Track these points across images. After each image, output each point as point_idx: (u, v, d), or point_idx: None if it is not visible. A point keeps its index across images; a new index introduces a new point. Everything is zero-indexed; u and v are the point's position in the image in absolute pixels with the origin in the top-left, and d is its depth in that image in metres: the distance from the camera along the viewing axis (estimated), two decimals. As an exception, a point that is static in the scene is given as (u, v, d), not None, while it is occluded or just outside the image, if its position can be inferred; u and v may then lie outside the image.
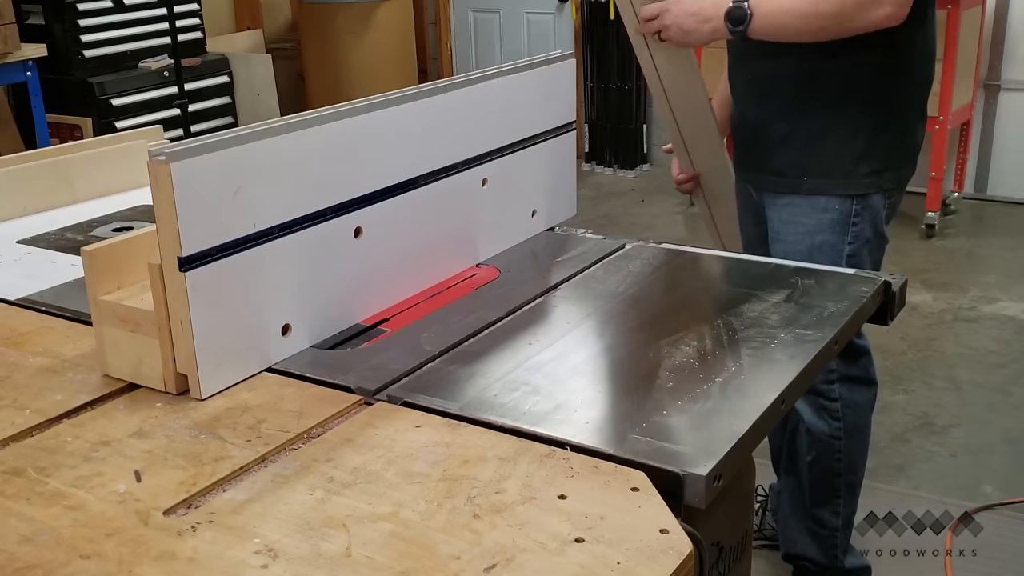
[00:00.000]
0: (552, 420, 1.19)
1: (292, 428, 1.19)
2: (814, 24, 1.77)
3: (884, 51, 1.85)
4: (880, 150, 1.90)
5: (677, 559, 0.93)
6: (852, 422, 2.07)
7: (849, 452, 2.08)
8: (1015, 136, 5.08)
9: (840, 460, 2.08)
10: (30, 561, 0.95)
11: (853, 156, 1.89)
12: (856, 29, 1.76)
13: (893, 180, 1.94)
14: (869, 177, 1.90)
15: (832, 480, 2.10)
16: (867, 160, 1.89)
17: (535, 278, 1.66)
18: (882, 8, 1.73)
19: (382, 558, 0.95)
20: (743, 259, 1.75)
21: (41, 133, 4.53)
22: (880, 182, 1.91)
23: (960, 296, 4.01)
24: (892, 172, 1.93)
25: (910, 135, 1.96)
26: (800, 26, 1.78)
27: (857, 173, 1.89)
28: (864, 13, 1.74)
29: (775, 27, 1.80)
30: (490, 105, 1.72)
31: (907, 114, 1.94)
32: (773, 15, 1.80)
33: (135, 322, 1.29)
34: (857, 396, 2.06)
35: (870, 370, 2.09)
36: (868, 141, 1.89)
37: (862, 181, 1.90)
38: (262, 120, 1.36)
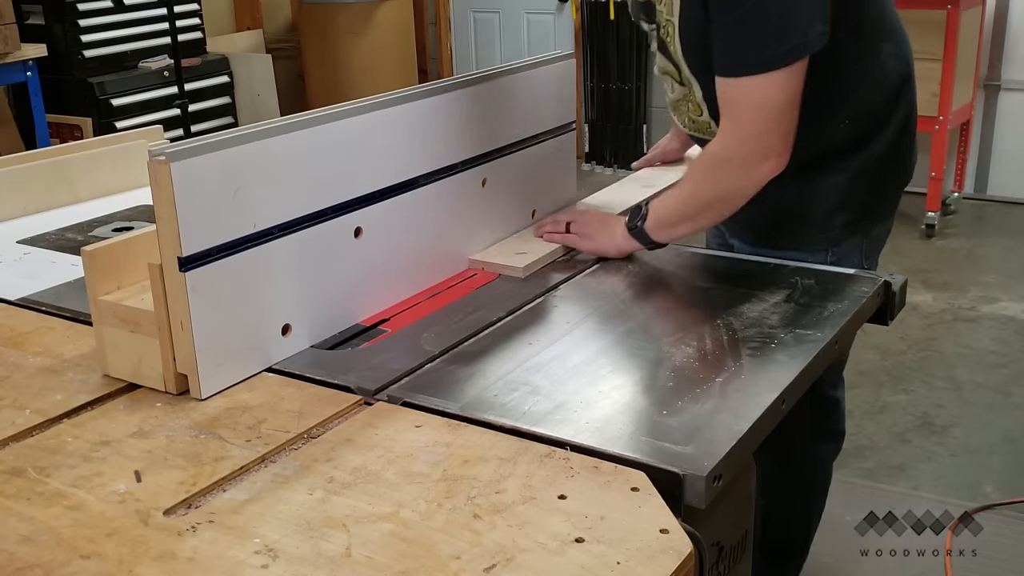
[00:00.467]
0: (552, 420, 1.19)
1: (292, 428, 1.19)
2: (705, 211, 1.66)
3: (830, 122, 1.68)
4: (859, 199, 1.74)
5: (677, 559, 0.93)
6: (811, 478, 1.99)
7: (807, 506, 2.01)
8: (1015, 136, 5.08)
9: (797, 513, 2.02)
10: (30, 561, 0.95)
11: (827, 212, 1.73)
12: (746, 196, 1.61)
13: (873, 216, 1.79)
14: (845, 228, 1.74)
15: (787, 534, 2.03)
16: (843, 212, 1.73)
17: (535, 278, 1.66)
18: (764, 166, 1.56)
19: (382, 558, 0.95)
20: (743, 259, 1.75)
21: (41, 133, 4.52)
22: (859, 228, 1.76)
23: (960, 296, 4.01)
24: (874, 210, 1.77)
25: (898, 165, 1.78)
26: (693, 215, 1.66)
27: (832, 226, 1.74)
28: (744, 182, 1.59)
29: (670, 221, 1.67)
30: (490, 105, 1.72)
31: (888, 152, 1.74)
32: (666, 210, 1.67)
33: (135, 322, 1.29)
34: (822, 450, 1.98)
35: (840, 422, 1.99)
36: (842, 194, 1.72)
37: (837, 232, 1.74)
38: (262, 120, 1.36)
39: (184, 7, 5.20)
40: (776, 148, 1.56)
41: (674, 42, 1.64)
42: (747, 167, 1.57)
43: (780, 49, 1.49)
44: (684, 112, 1.78)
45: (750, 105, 1.54)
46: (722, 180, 1.62)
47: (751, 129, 1.55)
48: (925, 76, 4.49)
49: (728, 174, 1.60)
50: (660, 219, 1.67)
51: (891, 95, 1.72)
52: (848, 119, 1.68)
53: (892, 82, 1.71)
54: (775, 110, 1.53)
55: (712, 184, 1.63)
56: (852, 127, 1.69)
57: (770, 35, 1.49)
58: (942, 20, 4.39)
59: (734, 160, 1.59)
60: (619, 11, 5.75)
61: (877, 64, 1.69)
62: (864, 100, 1.69)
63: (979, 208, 5.10)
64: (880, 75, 1.70)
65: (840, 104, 1.66)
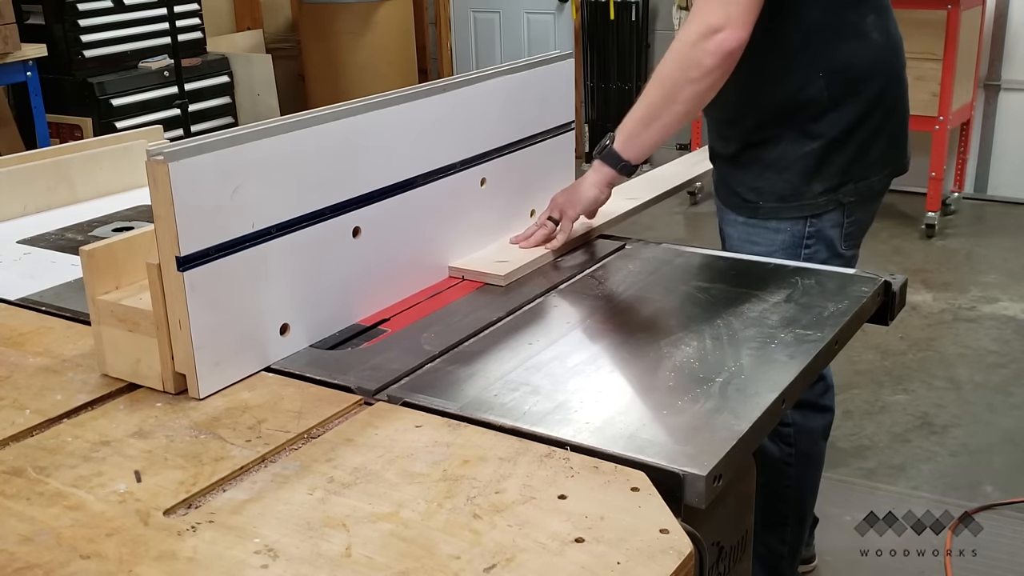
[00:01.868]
0: (552, 420, 1.18)
1: (292, 428, 1.19)
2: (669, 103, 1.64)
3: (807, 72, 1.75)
4: (835, 167, 1.79)
5: (677, 559, 0.93)
6: (804, 449, 2.01)
7: (799, 479, 2.03)
8: (1015, 136, 5.08)
9: (789, 487, 2.03)
10: (30, 561, 0.95)
11: (805, 177, 1.79)
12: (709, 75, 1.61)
13: (854, 192, 1.82)
14: (825, 195, 1.80)
15: (779, 506, 2.04)
16: (820, 178, 1.79)
17: (535, 278, 1.66)
18: (719, 35, 1.58)
19: (382, 558, 0.95)
20: (743, 259, 1.75)
21: (41, 133, 4.52)
22: (838, 197, 1.80)
23: (960, 296, 4.01)
24: (852, 185, 1.81)
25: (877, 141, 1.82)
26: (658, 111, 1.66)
27: (811, 192, 1.79)
28: (701, 55, 1.59)
29: (638, 127, 1.68)
30: (489, 105, 1.72)
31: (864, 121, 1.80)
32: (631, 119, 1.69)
33: (133, 322, 1.29)
34: (810, 422, 2.00)
35: (825, 397, 2.02)
36: (818, 159, 1.78)
37: (817, 200, 1.80)
38: (262, 120, 1.36)
39: (184, 7, 5.21)
40: (734, 18, 1.58)
41: None
42: (704, 36, 1.59)
43: None
44: None
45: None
46: (682, 57, 1.62)
47: (707, 7, 1.59)
48: (925, 76, 4.49)
49: (687, 48, 1.61)
50: (627, 132, 1.68)
51: (871, 64, 1.79)
52: (824, 72, 1.75)
53: (873, 52, 1.79)
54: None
55: (672, 65, 1.63)
56: (827, 83, 1.75)
57: None
58: (942, 20, 4.39)
59: (692, 32, 1.60)
60: (619, 11, 5.76)
61: (861, 29, 1.77)
62: (841, 57, 1.75)
63: (979, 208, 5.10)
64: (862, 40, 1.77)
65: (817, 55, 1.74)
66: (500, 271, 1.64)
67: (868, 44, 1.78)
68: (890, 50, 1.83)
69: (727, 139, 1.90)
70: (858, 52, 1.77)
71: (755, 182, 1.84)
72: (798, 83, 1.75)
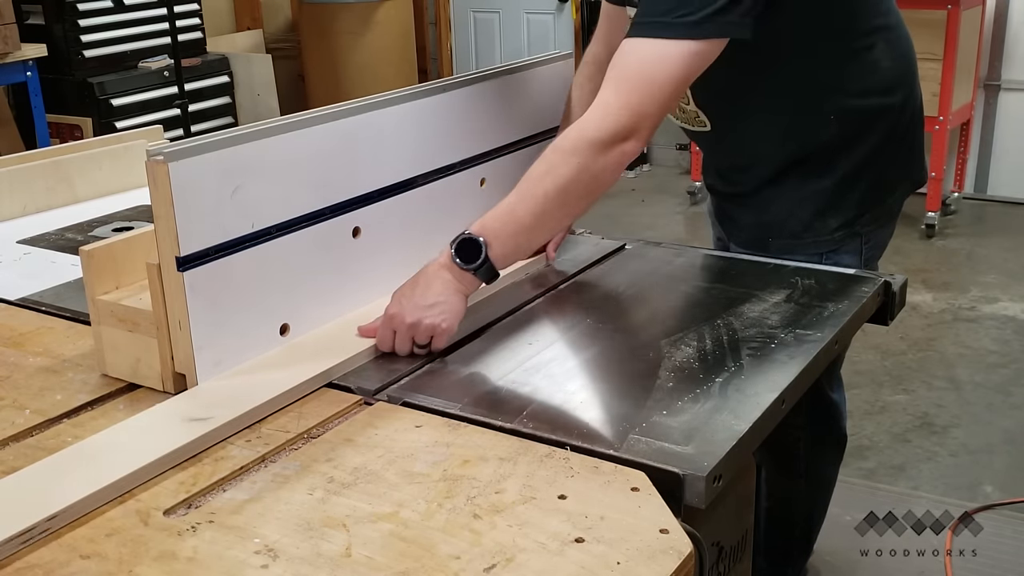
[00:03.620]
0: (552, 420, 1.18)
1: (292, 428, 1.19)
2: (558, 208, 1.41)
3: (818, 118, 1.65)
4: (851, 200, 1.69)
5: (677, 559, 0.93)
6: (814, 479, 1.97)
7: (810, 506, 2.01)
8: (1015, 136, 5.08)
9: (799, 513, 2.00)
10: (30, 561, 0.95)
11: (819, 214, 1.69)
12: (600, 185, 1.42)
13: (871, 220, 1.72)
14: (841, 230, 1.69)
15: (789, 533, 2.02)
16: (835, 213, 1.69)
17: (535, 278, 1.66)
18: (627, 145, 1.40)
19: (382, 558, 0.95)
20: (743, 259, 1.75)
21: (41, 133, 4.52)
22: (856, 229, 1.71)
23: (960, 296, 4.00)
24: (869, 214, 1.71)
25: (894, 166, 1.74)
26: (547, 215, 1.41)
27: (826, 229, 1.69)
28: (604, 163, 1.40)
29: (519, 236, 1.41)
30: (489, 105, 1.71)
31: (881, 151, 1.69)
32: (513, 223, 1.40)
33: (133, 322, 1.29)
34: (825, 453, 1.96)
35: (842, 424, 1.97)
36: (833, 195, 1.68)
37: (832, 236, 1.70)
38: (262, 120, 1.36)
39: (184, 7, 5.20)
40: (644, 129, 1.41)
41: None
42: (608, 147, 1.40)
43: (685, 18, 1.38)
44: None
45: (626, 74, 1.41)
46: (581, 164, 1.40)
47: (621, 102, 1.40)
48: (925, 76, 4.45)
49: (588, 157, 1.40)
50: (511, 243, 1.41)
51: (884, 93, 1.68)
52: (835, 115, 1.65)
53: (885, 81, 1.68)
54: (660, 85, 1.40)
55: (567, 172, 1.40)
56: (840, 125, 1.66)
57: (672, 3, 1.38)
58: (942, 20, 4.39)
59: (595, 142, 1.40)
60: (619, 11, 5.74)
61: (869, 61, 1.65)
62: (852, 98, 1.65)
63: (979, 208, 5.10)
64: (872, 73, 1.66)
65: (826, 100, 1.64)
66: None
67: (879, 75, 1.66)
68: (901, 72, 1.70)
69: (734, 183, 1.81)
70: (869, 88, 1.65)
71: (762, 217, 1.74)
72: (810, 130, 1.66)
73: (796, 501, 1.99)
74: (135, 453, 1.10)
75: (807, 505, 2.02)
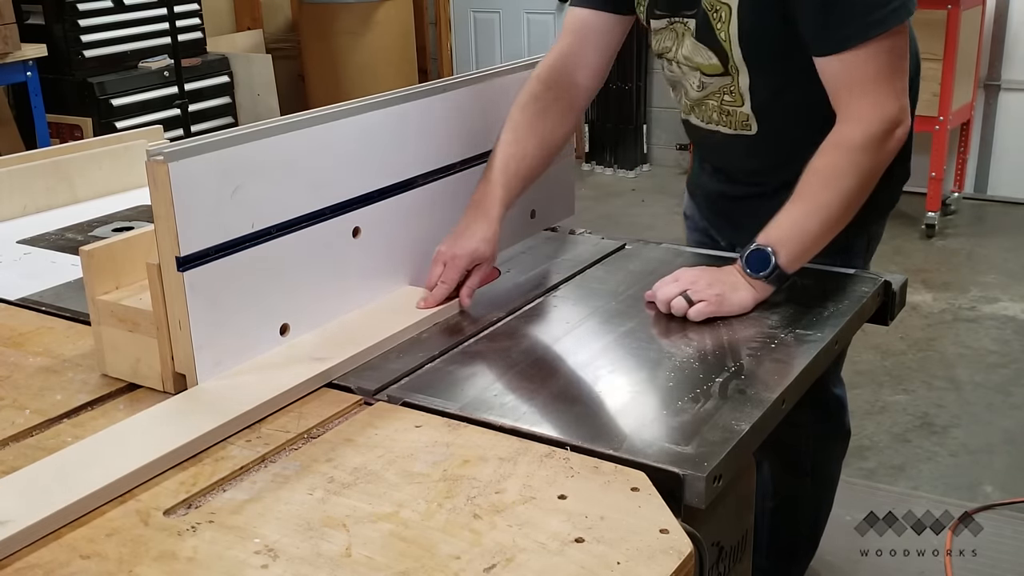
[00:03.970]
0: (552, 420, 1.18)
1: (292, 428, 1.19)
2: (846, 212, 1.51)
3: None
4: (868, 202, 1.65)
5: (677, 559, 0.93)
6: (820, 476, 1.98)
7: (815, 503, 2.01)
8: (1015, 136, 5.08)
9: (804, 510, 2.00)
10: (30, 561, 0.95)
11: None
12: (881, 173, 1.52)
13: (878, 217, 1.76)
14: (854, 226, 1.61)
15: (795, 531, 2.03)
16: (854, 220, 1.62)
17: (535, 278, 1.66)
18: (897, 132, 1.49)
19: (382, 558, 0.95)
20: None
21: (41, 133, 4.52)
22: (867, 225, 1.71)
23: (960, 296, 4.00)
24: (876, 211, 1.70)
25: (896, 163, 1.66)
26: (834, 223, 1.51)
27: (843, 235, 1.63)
28: (882, 158, 1.50)
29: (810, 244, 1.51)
30: (488, 105, 1.71)
31: None
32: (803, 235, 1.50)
33: (133, 322, 1.29)
34: (829, 449, 1.97)
35: (846, 420, 1.98)
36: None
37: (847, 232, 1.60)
38: (262, 120, 1.36)
39: (184, 7, 5.20)
40: (905, 109, 1.50)
41: (727, 27, 1.56)
42: (884, 140, 1.49)
43: (890, 8, 1.44)
44: (715, 104, 1.68)
45: (870, 76, 1.47)
46: (865, 165, 1.49)
47: (880, 99, 1.48)
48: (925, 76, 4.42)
49: (867, 155, 1.49)
50: (798, 249, 1.50)
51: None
52: None
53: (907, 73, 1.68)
54: (897, 72, 1.48)
55: (854, 175, 1.49)
56: None
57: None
58: (942, 20, 4.39)
59: (874, 138, 1.48)
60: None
61: None
62: None
63: (979, 208, 5.10)
64: None
65: None
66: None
67: None
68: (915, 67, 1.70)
69: (757, 184, 1.77)
70: None
71: None
72: None
73: (802, 499, 2.00)
74: (135, 453, 1.10)
75: (813, 503, 2.02)
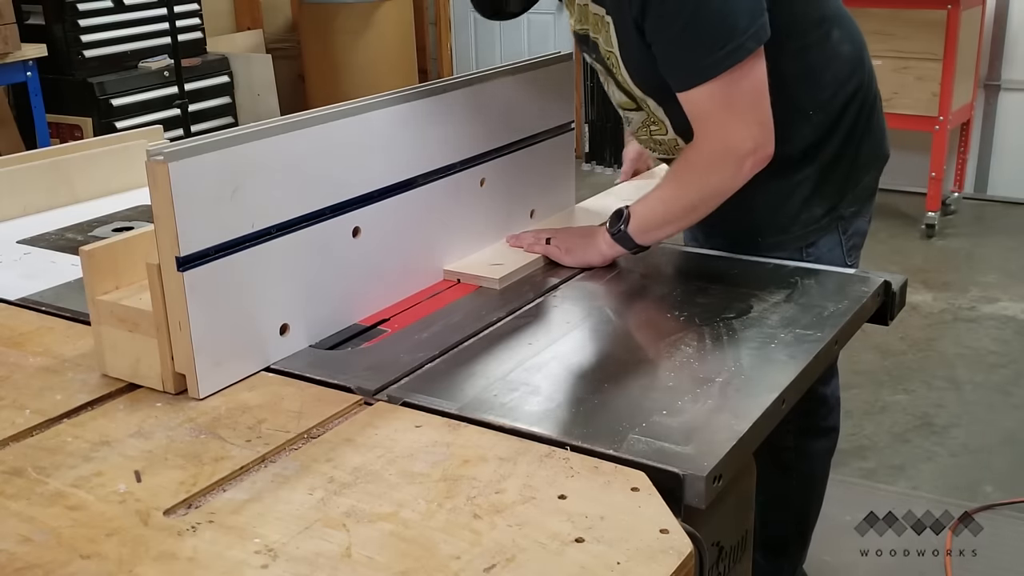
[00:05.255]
0: (552, 420, 1.19)
1: (292, 428, 1.19)
2: (688, 213, 1.63)
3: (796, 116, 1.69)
4: (833, 185, 1.74)
5: (677, 559, 0.93)
6: (806, 472, 1.98)
7: (802, 500, 2.01)
8: (1015, 136, 5.08)
9: (791, 508, 2.01)
10: (30, 561, 0.95)
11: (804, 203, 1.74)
12: (731, 192, 1.59)
13: (853, 201, 1.77)
14: (828, 216, 1.75)
15: (781, 526, 2.02)
16: (820, 201, 1.74)
17: (535, 278, 1.66)
18: (748, 161, 1.54)
19: (382, 558, 0.95)
20: (743, 259, 1.75)
21: (41, 133, 4.52)
22: (840, 212, 1.75)
23: (960, 296, 4.00)
24: (851, 194, 1.76)
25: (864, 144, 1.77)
26: (676, 217, 1.64)
27: (812, 217, 1.74)
28: (727, 181, 1.57)
29: (654, 223, 1.65)
30: (488, 105, 1.72)
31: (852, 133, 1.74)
32: (649, 214, 1.64)
33: (133, 322, 1.29)
34: (814, 446, 1.97)
35: (831, 418, 1.98)
36: (815, 183, 1.73)
37: (820, 223, 1.75)
38: (262, 120, 1.36)
39: (184, 7, 5.20)
40: (756, 138, 1.54)
41: (620, 71, 1.67)
42: (728, 165, 1.56)
43: (724, 52, 1.48)
44: (647, 137, 1.80)
45: (715, 111, 1.53)
46: (706, 181, 1.59)
47: (724, 131, 1.54)
48: (925, 76, 4.49)
49: (710, 175, 1.58)
50: (643, 223, 1.64)
51: (850, 79, 1.73)
52: (813, 110, 1.70)
53: (848, 67, 1.73)
54: (742, 105, 1.53)
55: (696, 187, 1.61)
56: (818, 118, 1.70)
57: (711, 43, 1.48)
58: (942, 20, 4.39)
59: (716, 161, 1.57)
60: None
61: (831, 51, 1.71)
62: (825, 89, 1.71)
63: (979, 208, 5.10)
64: (836, 60, 1.72)
65: (803, 98, 1.68)
66: (495, 274, 1.63)
67: (842, 62, 1.73)
68: (858, 52, 1.76)
69: None
70: (837, 76, 1.72)
71: (752, 222, 1.76)
72: (794, 129, 1.68)
73: (789, 496, 2.00)
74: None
75: (799, 499, 2.02)
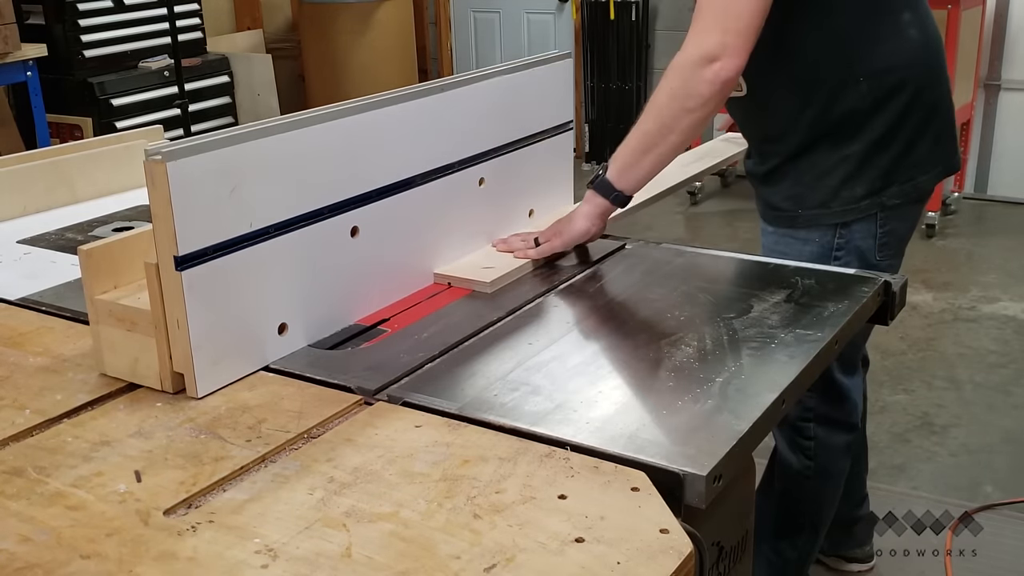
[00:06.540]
0: (552, 420, 1.18)
1: (292, 428, 1.19)
2: (665, 135, 1.60)
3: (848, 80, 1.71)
4: (878, 169, 1.74)
5: (677, 559, 0.93)
6: (824, 464, 1.99)
7: (817, 492, 2.02)
8: (1015, 136, 5.08)
9: (806, 499, 2.02)
10: (30, 561, 0.95)
11: (846, 181, 1.75)
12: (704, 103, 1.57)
13: (899, 195, 1.77)
14: (868, 198, 1.75)
15: (796, 517, 2.04)
16: (862, 182, 1.75)
17: (534, 278, 1.66)
18: (715, 64, 1.53)
19: (382, 558, 0.95)
20: (743, 259, 1.75)
21: (41, 133, 4.52)
22: (882, 200, 1.76)
23: (960, 296, 4.00)
24: (897, 187, 1.76)
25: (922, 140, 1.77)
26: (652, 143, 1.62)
27: (852, 196, 1.75)
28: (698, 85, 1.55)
29: (632, 159, 1.64)
30: (487, 105, 1.72)
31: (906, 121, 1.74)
32: (625, 150, 1.65)
33: (131, 321, 1.28)
34: (834, 439, 1.98)
35: (853, 415, 1.99)
36: (860, 162, 1.74)
37: (859, 204, 1.76)
38: (262, 120, 1.36)
39: (184, 7, 5.20)
40: (731, 46, 1.54)
41: None
42: (700, 65, 1.55)
43: None
44: None
45: (702, 8, 1.55)
46: (678, 86, 1.57)
47: (705, 26, 1.55)
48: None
49: (682, 77, 1.57)
50: (620, 161, 1.64)
51: (911, 63, 1.74)
52: (864, 77, 1.71)
53: (913, 50, 1.74)
54: (728, 9, 1.53)
55: (668, 95, 1.59)
56: (869, 87, 1.71)
57: None
58: (942, 20, 4.39)
59: (688, 62, 1.56)
60: (619, 11, 5.76)
61: (897, 27, 1.73)
62: (880, 60, 1.72)
63: (979, 208, 5.10)
64: (899, 38, 1.73)
65: (855, 62, 1.70)
66: (486, 278, 1.62)
67: (906, 42, 1.73)
68: (929, 47, 1.77)
69: (767, 156, 1.85)
70: (897, 52, 1.72)
71: (793, 190, 1.79)
72: (841, 94, 1.71)
73: (805, 488, 2.01)
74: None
75: (815, 491, 2.02)
